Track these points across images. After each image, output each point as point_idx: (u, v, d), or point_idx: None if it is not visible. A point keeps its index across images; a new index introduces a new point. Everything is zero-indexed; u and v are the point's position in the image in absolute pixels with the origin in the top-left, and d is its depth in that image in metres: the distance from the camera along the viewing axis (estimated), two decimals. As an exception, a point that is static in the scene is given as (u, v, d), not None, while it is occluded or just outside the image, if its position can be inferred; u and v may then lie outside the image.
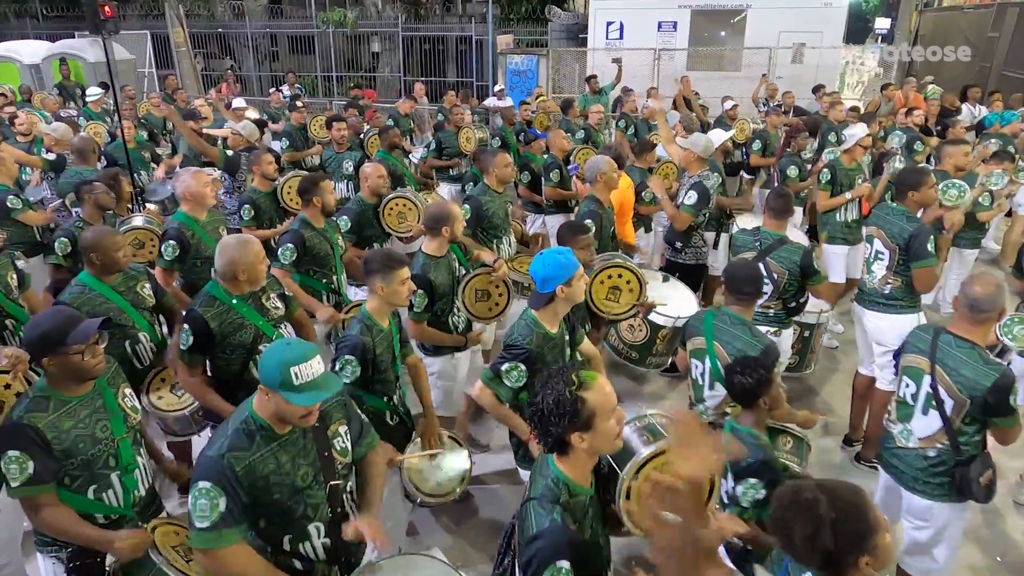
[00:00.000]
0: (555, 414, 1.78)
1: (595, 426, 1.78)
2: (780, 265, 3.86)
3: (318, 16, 17.43)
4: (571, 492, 1.84)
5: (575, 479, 1.86)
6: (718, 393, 3.11)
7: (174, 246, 3.91)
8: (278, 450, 2.01)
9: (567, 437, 1.80)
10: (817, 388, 5.11)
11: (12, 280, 3.58)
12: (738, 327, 3.04)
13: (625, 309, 3.58)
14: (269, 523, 2.04)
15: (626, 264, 3.61)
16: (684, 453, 1.47)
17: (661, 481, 1.44)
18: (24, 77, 14.14)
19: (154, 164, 7.00)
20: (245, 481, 1.93)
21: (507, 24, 17.54)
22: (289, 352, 1.94)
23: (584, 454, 1.84)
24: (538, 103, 9.58)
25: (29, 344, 2.25)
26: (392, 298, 2.86)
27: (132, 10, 18.91)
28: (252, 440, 1.98)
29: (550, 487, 1.84)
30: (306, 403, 1.94)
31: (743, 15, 13.46)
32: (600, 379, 1.85)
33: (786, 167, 6.09)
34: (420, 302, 3.42)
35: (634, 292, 3.54)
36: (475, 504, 3.89)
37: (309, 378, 1.92)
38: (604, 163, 4.41)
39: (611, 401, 1.82)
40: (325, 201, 4.03)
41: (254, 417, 2.01)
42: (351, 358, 2.75)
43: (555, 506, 1.80)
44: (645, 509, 1.86)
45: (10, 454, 2.13)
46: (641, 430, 2.04)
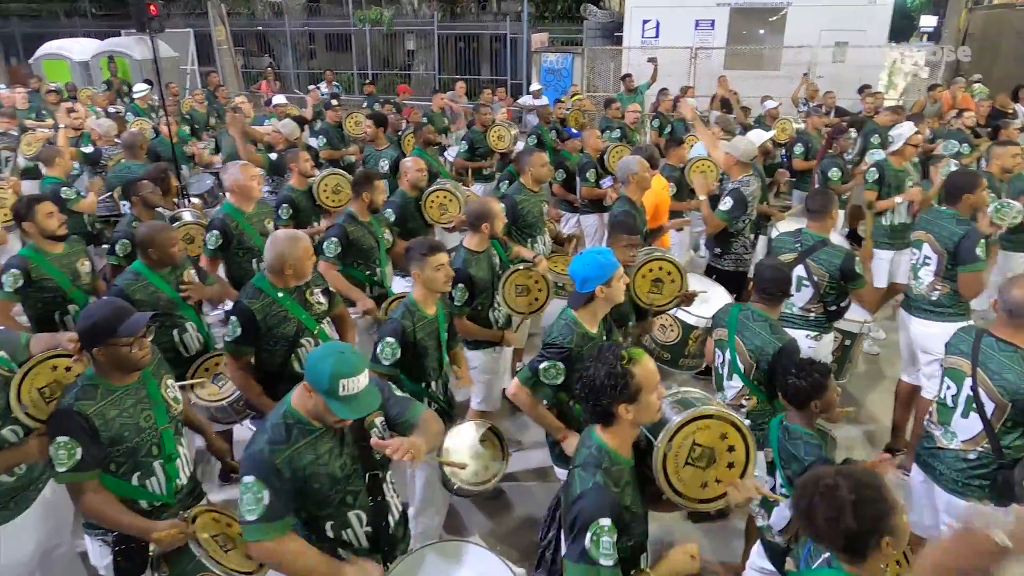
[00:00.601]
0: (607, 386, 1.91)
1: (640, 399, 1.93)
2: (820, 267, 3.79)
3: (355, 14, 17.66)
4: (612, 460, 1.97)
5: (616, 448, 1.99)
6: (735, 384, 3.18)
7: (217, 236, 4.03)
8: (315, 442, 2.05)
9: (614, 409, 1.93)
10: (859, 395, 5.00)
11: (82, 267, 3.71)
12: (760, 323, 3.07)
13: (668, 299, 3.63)
14: (312, 512, 2.10)
15: (666, 256, 3.67)
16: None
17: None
18: (74, 74, 14.64)
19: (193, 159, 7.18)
20: (286, 472, 1.98)
21: (542, 22, 17.53)
22: (341, 363, 1.96)
23: (627, 425, 1.97)
24: (573, 101, 9.55)
25: (81, 333, 2.32)
26: (429, 283, 2.95)
27: (177, 9, 19.40)
28: (290, 434, 2.03)
29: (593, 455, 1.98)
30: (348, 416, 1.99)
31: (783, 12, 13.21)
32: (645, 356, 1.99)
33: (828, 169, 5.94)
34: (461, 296, 3.51)
35: (676, 282, 3.62)
36: (509, 500, 3.91)
37: (354, 391, 1.97)
38: (636, 163, 4.39)
39: (656, 377, 1.97)
40: (374, 199, 4.14)
41: (292, 412, 2.06)
42: (391, 340, 2.86)
43: (598, 470, 1.93)
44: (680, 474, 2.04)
45: (59, 439, 2.20)
46: (674, 404, 2.15)
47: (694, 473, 2.08)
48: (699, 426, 2.07)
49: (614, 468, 1.95)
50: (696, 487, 2.08)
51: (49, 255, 3.58)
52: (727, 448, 2.09)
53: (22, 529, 2.59)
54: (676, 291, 3.61)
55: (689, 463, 2.07)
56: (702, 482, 2.09)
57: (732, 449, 2.09)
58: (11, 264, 3.48)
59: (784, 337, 3.01)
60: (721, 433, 2.08)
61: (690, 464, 2.07)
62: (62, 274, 3.58)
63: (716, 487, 2.10)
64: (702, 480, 2.09)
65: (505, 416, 4.34)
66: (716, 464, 2.09)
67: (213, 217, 4.19)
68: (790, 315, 3.98)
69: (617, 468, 1.96)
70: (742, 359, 3.11)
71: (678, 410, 2.11)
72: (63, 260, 3.63)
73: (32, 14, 21.36)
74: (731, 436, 2.09)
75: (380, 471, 2.23)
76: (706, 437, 2.07)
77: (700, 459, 2.07)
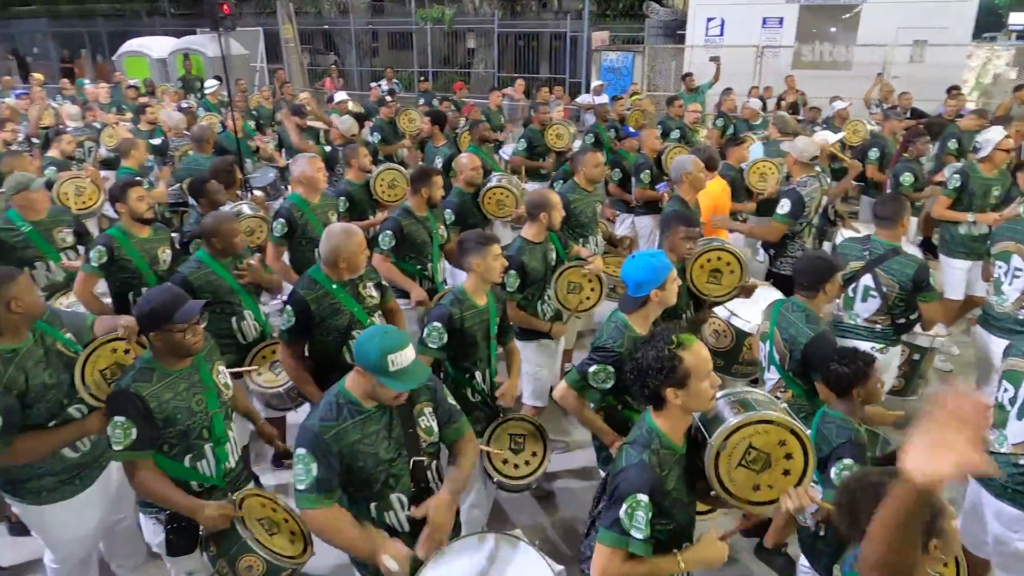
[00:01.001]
0: (653, 368, 1.93)
1: (689, 385, 1.93)
2: (891, 277, 3.59)
3: (417, 13, 17.92)
4: (663, 444, 1.98)
5: (667, 432, 2.00)
6: (773, 376, 3.16)
7: (283, 224, 4.16)
8: (364, 422, 2.14)
9: (663, 392, 1.95)
10: (921, 409, 4.69)
11: (163, 255, 3.88)
12: (797, 314, 3.04)
13: (727, 291, 3.53)
14: (356, 490, 2.19)
15: (726, 246, 3.55)
16: (943, 439, 1.21)
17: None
18: (152, 71, 15.41)
19: (257, 154, 7.43)
20: (334, 447, 2.08)
21: (603, 20, 17.37)
22: (388, 340, 2.07)
23: (678, 410, 1.98)
24: (632, 101, 9.40)
25: (139, 318, 2.42)
26: (487, 274, 2.98)
27: (248, 8, 20.15)
28: (340, 412, 2.13)
29: (643, 435, 2.01)
30: (400, 388, 2.09)
31: (857, 9, 12.66)
32: (698, 343, 1.98)
33: (900, 173, 5.61)
34: (512, 282, 3.55)
35: (735, 274, 3.51)
36: (554, 501, 3.88)
37: (403, 365, 2.06)
38: (690, 163, 4.28)
39: (707, 364, 1.95)
40: (432, 194, 4.17)
41: (344, 393, 2.17)
42: (438, 325, 2.91)
43: (646, 449, 1.96)
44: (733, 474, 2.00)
45: (116, 419, 2.31)
46: (734, 403, 2.10)
47: (747, 475, 2.03)
48: (757, 430, 2.01)
49: (663, 451, 1.97)
50: (747, 488, 2.03)
51: (134, 238, 3.76)
52: (784, 455, 2.03)
53: (86, 504, 2.71)
54: (735, 282, 3.50)
55: (743, 465, 2.03)
56: (754, 484, 2.04)
57: (790, 457, 2.03)
58: (99, 241, 3.70)
59: (818, 328, 2.96)
60: (780, 439, 2.02)
61: (743, 466, 2.03)
62: (142, 257, 3.75)
63: (768, 492, 2.04)
64: (754, 483, 2.04)
65: (554, 415, 4.30)
66: (771, 469, 2.03)
67: (280, 206, 4.35)
68: (855, 326, 3.79)
69: (666, 452, 1.98)
70: (777, 349, 3.10)
71: (737, 410, 2.06)
72: (146, 245, 3.80)
73: (117, 14, 22.61)
74: (790, 444, 2.02)
75: (425, 459, 2.27)
76: (763, 441, 2.02)
77: (755, 462, 2.02)
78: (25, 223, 4.00)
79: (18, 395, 2.39)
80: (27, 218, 4.01)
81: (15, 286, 2.39)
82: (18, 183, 4.00)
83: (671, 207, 4.31)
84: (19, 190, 3.98)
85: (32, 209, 4.02)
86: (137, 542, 3.16)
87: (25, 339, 2.49)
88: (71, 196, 5.10)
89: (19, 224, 3.98)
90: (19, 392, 2.39)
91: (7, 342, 2.43)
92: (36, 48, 22.61)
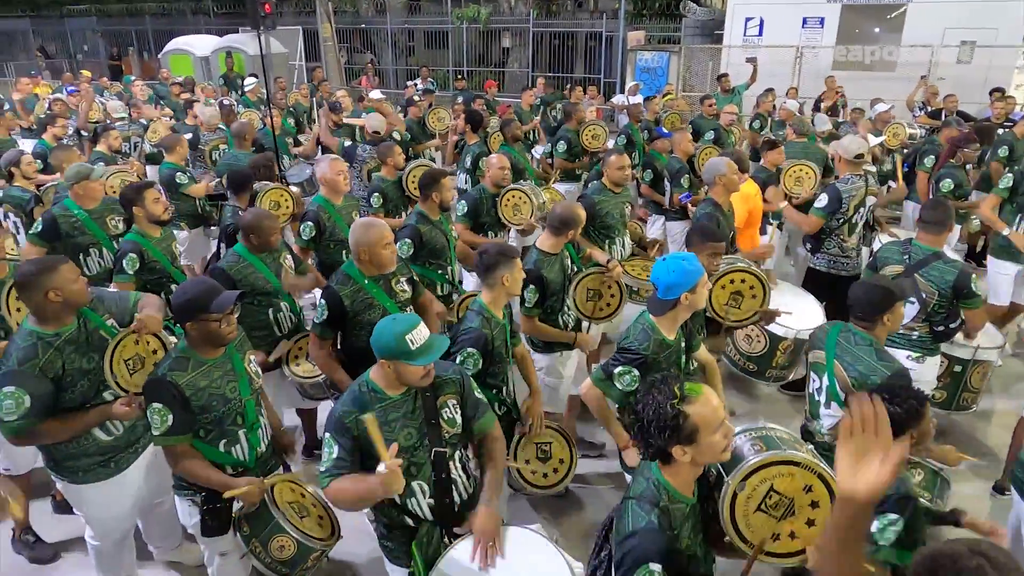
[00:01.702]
0: (656, 427, 1.77)
1: (698, 440, 1.76)
2: (930, 284, 3.50)
3: (453, 12, 18.02)
4: (671, 498, 1.84)
5: (676, 486, 1.86)
6: (835, 413, 2.88)
7: (311, 227, 4.20)
8: (385, 410, 2.21)
9: (669, 449, 1.79)
10: (968, 426, 4.54)
11: (176, 249, 4.04)
12: (863, 348, 2.79)
13: (746, 315, 3.41)
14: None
15: (750, 269, 3.45)
16: (861, 455, 1.26)
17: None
18: (196, 68, 15.81)
19: (296, 150, 7.57)
20: (355, 431, 2.14)
21: (639, 20, 17.23)
22: (399, 325, 2.16)
23: (687, 465, 1.83)
24: (665, 101, 9.31)
25: (177, 308, 2.49)
26: (514, 288, 2.94)
27: (288, 7, 20.52)
28: (363, 400, 2.21)
29: (651, 489, 1.85)
30: (427, 362, 2.15)
31: (902, 9, 12.32)
32: (705, 393, 1.81)
33: (941, 179, 5.46)
34: (531, 297, 3.45)
35: (757, 299, 3.38)
36: (576, 502, 3.87)
37: (422, 342, 2.14)
38: (724, 165, 4.22)
39: (717, 416, 1.79)
40: (443, 198, 4.11)
41: (368, 382, 2.26)
42: (473, 351, 2.80)
43: (654, 508, 1.80)
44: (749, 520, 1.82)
45: (154, 406, 2.40)
46: (755, 440, 1.97)
47: (766, 521, 1.84)
48: (781, 471, 1.83)
49: (673, 507, 1.82)
50: (765, 536, 1.85)
51: (153, 239, 3.86)
52: (810, 503, 1.83)
53: (121, 486, 2.83)
54: (756, 307, 3.36)
55: (762, 509, 1.84)
56: (773, 532, 1.85)
57: (815, 505, 1.83)
58: (127, 249, 3.76)
59: (893, 364, 2.72)
60: (806, 484, 1.82)
61: (763, 511, 1.84)
62: (164, 257, 3.87)
63: (788, 543, 1.84)
64: (774, 530, 1.85)
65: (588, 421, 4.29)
66: (794, 517, 1.83)
67: (307, 210, 4.38)
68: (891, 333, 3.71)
69: (677, 507, 1.82)
70: (842, 386, 2.81)
71: (758, 448, 1.91)
72: (162, 243, 3.92)
73: (163, 13, 23.25)
74: (816, 490, 1.82)
75: (448, 449, 2.30)
76: (787, 485, 1.83)
77: (776, 508, 1.83)
78: (80, 210, 4.18)
79: (54, 379, 2.51)
80: (83, 206, 4.20)
81: (56, 276, 2.51)
82: (78, 173, 4.17)
83: (703, 211, 4.26)
84: (79, 179, 4.16)
85: (89, 198, 4.21)
86: (174, 525, 3.28)
87: (68, 324, 2.60)
88: (117, 189, 5.28)
89: (75, 211, 4.17)
90: (55, 376, 2.51)
91: (50, 327, 2.56)
92: (86, 46, 23.41)
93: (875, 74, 12.18)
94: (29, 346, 2.50)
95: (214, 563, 2.76)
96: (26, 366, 2.46)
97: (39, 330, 2.55)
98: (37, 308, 2.55)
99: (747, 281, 3.39)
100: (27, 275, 2.51)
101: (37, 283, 2.49)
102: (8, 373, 2.45)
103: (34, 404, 2.44)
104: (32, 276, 2.50)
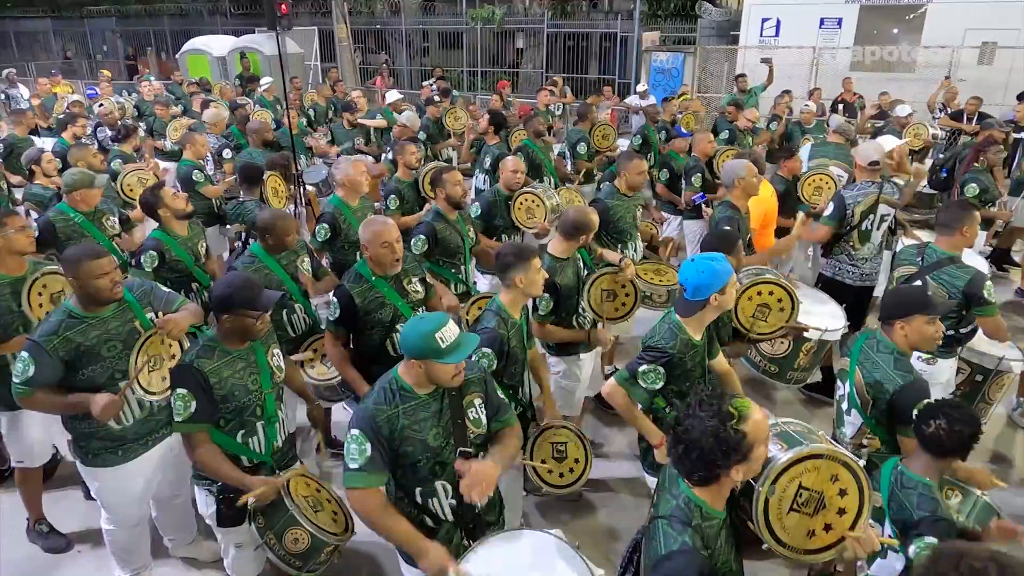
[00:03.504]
0: (718, 451, 1.69)
1: (752, 456, 1.72)
2: (940, 287, 3.43)
3: (467, 13, 18.04)
4: (704, 515, 1.79)
5: (711, 502, 1.81)
6: (855, 420, 2.86)
7: (326, 229, 4.19)
8: (415, 409, 2.18)
9: (729, 471, 1.72)
10: (992, 436, 4.41)
11: (202, 248, 4.05)
12: (884, 355, 2.76)
13: (773, 329, 3.35)
14: (403, 474, 2.23)
15: (779, 281, 3.37)
16: None
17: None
18: (212, 69, 15.93)
19: (311, 151, 7.60)
20: (385, 430, 2.13)
21: (654, 20, 17.14)
22: (428, 323, 2.12)
23: (730, 483, 1.77)
24: (681, 102, 9.25)
25: (219, 299, 2.51)
26: (530, 288, 2.90)
27: (304, 8, 20.63)
28: (393, 397, 2.19)
29: (681, 508, 1.79)
30: (456, 361, 2.11)
31: (922, 10, 12.16)
32: (752, 406, 1.77)
33: (966, 183, 5.35)
34: (545, 305, 3.42)
35: (785, 312, 3.30)
36: (593, 507, 3.83)
37: (452, 340, 2.10)
38: (743, 167, 4.16)
39: (766, 428, 1.76)
40: (449, 192, 4.08)
41: (398, 379, 2.22)
42: (488, 351, 2.79)
43: (687, 528, 1.75)
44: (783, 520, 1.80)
45: (179, 391, 2.44)
46: (775, 437, 1.93)
47: (800, 520, 1.82)
48: (807, 467, 1.80)
49: (706, 524, 1.77)
50: (802, 536, 1.83)
51: (177, 237, 3.90)
52: (838, 492, 1.83)
53: (130, 474, 2.88)
54: (783, 321, 3.30)
55: (794, 509, 1.81)
56: (808, 530, 1.83)
57: (844, 493, 1.83)
58: (148, 246, 3.82)
59: (909, 376, 2.68)
60: (832, 475, 1.82)
61: (795, 510, 1.81)
62: (188, 255, 3.90)
63: (824, 536, 1.84)
64: (808, 528, 1.83)
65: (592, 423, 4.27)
66: (825, 510, 1.83)
67: (323, 211, 4.38)
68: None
69: (709, 524, 1.78)
70: (859, 393, 2.80)
71: (780, 446, 1.88)
72: (188, 243, 3.94)
73: (181, 13, 23.47)
74: (843, 478, 1.82)
75: (472, 450, 2.29)
76: (814, 480, 1.81)
77: (807, 504, 1.81)
78: (77, 214, 4.21)
79: (66, 358, 2.61)
80: (78, 210, 4.21)
81: (79, 267, 2.62)
82: (79, 181, 4.17)
83: (721, 213, 4.21)
84: (79, 187, 4.16)
85: (85, 203, 4.22)
86: (189, 519, 3.31)
87: (103, 311, 2.72)
88: (135, 187, 5.34)
89: (72, 215, 4.19)
90: (67, 355, 2.62)
91: (85, 309, 2.70)
92: (105, 46, 23.68)
93: (894, 75, 12.03)
94: (56, 321, 2.65)
95: (230, 554, 2.78)
96: (44, 339, 2.60)
97: (74, 308, 2.69)
98: (73, 289, 2.71)
99: (775, 294, 3.32)
100: (65, 258, 2.72)
101: (68, 268, 2.67)
102: (31, 342, 2.61)
103: (36, 375, 2.57)
104: (66, 261, 2.69)
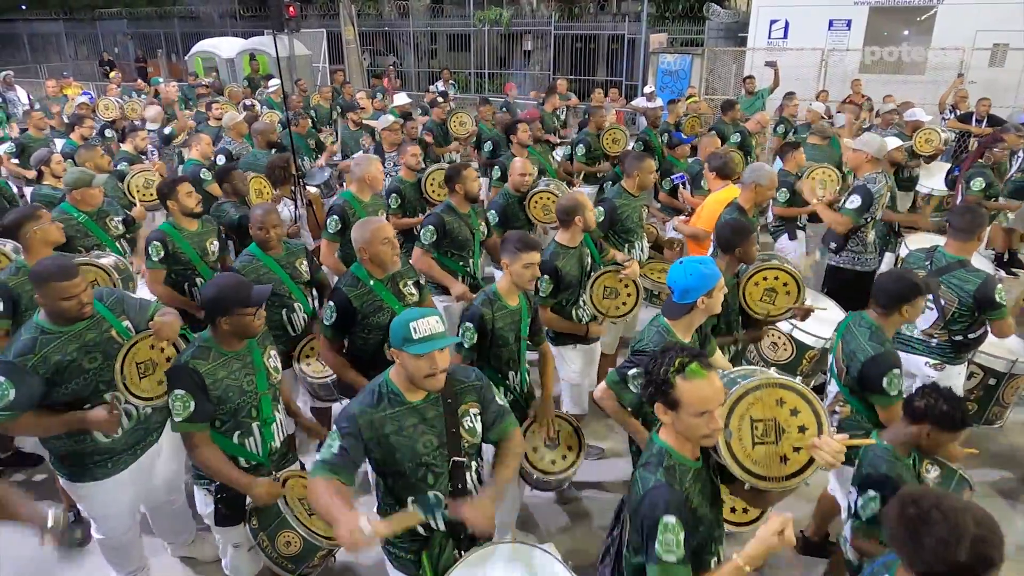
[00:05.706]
0: (649, 380, 1.88)
1: (679, 413, 1.83)
2: (950, 292, 3.41)
3: (475, 15, 18.07)
4: (671, 458, 1.90)
5: (676, 448, 1.91)
6: (833, 389, 3.06)
7: (336, 221, 4.27)
8: (403, 415, 2.15)
9: (651, 404, 1.90)
10: (1004, 442, 4.34)
11: (211, 246, 4.04)
12: (862, 328, 2.89)
13: (781, 311, 3.41)
14: (394, 482, 2.21)
15: (783, 266, 3.42)
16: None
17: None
18: (221, 70, 16.04)
19: (317, 152, 7.61)
20: (366, 434, 2.10)
21: (662, 22, 17.10)
22: (411, 313, 2.13)
23: (675, 432, 1.90)
24: (688, 104, 9.21)
25: (211, 302, 2.50)
26: (516, 277, 2.96)
27: (312, 10, 20.74)
28: (381, 401, 2.16)
29: (654, 455, 1.94)
30: (421, 351, 2.04)
31: (932, 12, 12.06)
32: (706, 378, 1.81)
33: (971, 178, 5.30)
34: (546, 287, 3.53)
35: (791, 295, 3.38)
36: (590, 509, 3.83)
37: (427, 332, 2.07)
38: (767, 177, 4.13)
39: (705, 404, 1.79)
40: (467, 188, 4.20)
41: (388, 382, 2.20)
42: (469, 325, 2.93)
43: (659, 467, 1.88)
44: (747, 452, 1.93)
45: (177, 392, 2.44)
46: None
47: (767, 450, 1.93)
48: (749, 402, 1.93)
49: (676, 466, 1.89)
50: (776, 464, 1.94)
51: (184, 232, 3.93)
52: (790, 412, 1.94)
53: (118, 485, 2.84)
54: (791, 303, 3.38)
55: (758, 442, 1.93)
56: (779, 456, 1.94)
57: (795, 412, 1.94)
58: (152, 237, 3.86)
59: (881, 348, 2.78)
60: (777, 399, 1.94)
61: (760, 443, 1.93)
62: (193, 250, 3.91)
63: (797, 457, 1.94)
64: (778, 455, 1.94)
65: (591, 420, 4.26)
66: (786, 433, 1.94)
67: (334, 203, 4.46)
68: (909, 338, 3.63)
69: (680, 467, 1.89)
70: (836, 363, 3.00)
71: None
72: (195, 238, 3.96)
73: (191, 16, 23.66)
74: (789, 400, 1.94)
75: (465, 459, 2.26)
76: (762, 410, 1.93)
77: (767, 434, 1.94)
78: (80, 214, 4.22)
79: (46, 375, 2.51)
80: (80, 210, 4.23)
81: (46, 288, 2.53)
82: (79, 179, 4.19)
83: (728, 215, 4.19)
84: (79, 186, 4.18)
85: (87, 203, 4.23)
86: (185, 521, 3.31)
87: (72, 326, 2.61)
88: (141, 188, 5.37)
89: (75, 215, 4.20)
90: (48, 372, 2.52)
91: (56, 324, 2.59)
92: (116, 48, 23.89)
93: (904, 77, 11.94)
94: (29, 339, 2.54)
95: (228, 554, 2.79)
96: (20, 360, 2.49)
97: (45, 324, 2.59)
98: (40, 304, 2.62)
99: (780, 278, 3.40)
100: (34, 273, 2.60)
101: (35, 284, 2.57)
102: (5, 363, 2.49)
103: (18, 398, 2.46)
104: (35, 276, 2.58)
